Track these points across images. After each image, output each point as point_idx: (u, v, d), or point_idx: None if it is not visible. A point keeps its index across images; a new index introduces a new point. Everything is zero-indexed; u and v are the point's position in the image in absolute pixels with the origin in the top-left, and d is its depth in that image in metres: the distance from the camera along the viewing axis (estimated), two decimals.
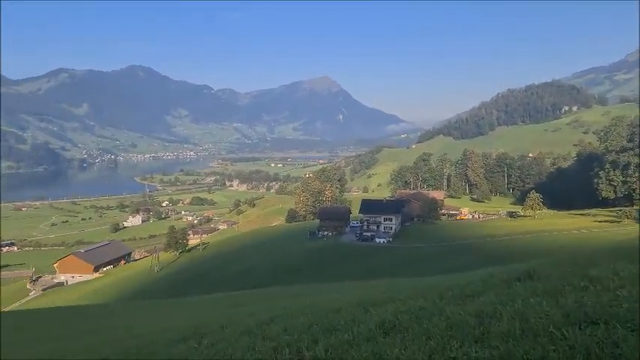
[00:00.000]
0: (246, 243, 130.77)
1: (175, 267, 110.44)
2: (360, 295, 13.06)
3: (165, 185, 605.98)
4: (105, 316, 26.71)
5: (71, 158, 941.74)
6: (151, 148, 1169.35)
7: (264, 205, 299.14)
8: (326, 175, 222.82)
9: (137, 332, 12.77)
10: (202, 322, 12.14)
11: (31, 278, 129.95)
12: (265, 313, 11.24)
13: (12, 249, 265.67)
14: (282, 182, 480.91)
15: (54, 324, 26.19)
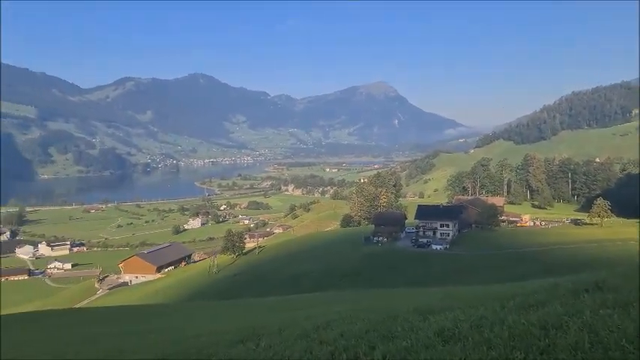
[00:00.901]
0: (301, 247, 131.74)
1: (232, 269, 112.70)
2: (416, 302, 12.85)
3: (223, 189, 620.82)
4: (166, 315, 27.65)
5: (136, 163, 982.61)
6: (210, 153, 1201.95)
7: (319, 209, 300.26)
8: (381, 180, 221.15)
9: (196, 332, 13.10)
10: (259, 324, 12.31)
11: (98, 277, 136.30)
12: (321, 317, 11.26)
13: (81, 249, 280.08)
14: (337, 187, 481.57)
15: (119, 322, 27.30)
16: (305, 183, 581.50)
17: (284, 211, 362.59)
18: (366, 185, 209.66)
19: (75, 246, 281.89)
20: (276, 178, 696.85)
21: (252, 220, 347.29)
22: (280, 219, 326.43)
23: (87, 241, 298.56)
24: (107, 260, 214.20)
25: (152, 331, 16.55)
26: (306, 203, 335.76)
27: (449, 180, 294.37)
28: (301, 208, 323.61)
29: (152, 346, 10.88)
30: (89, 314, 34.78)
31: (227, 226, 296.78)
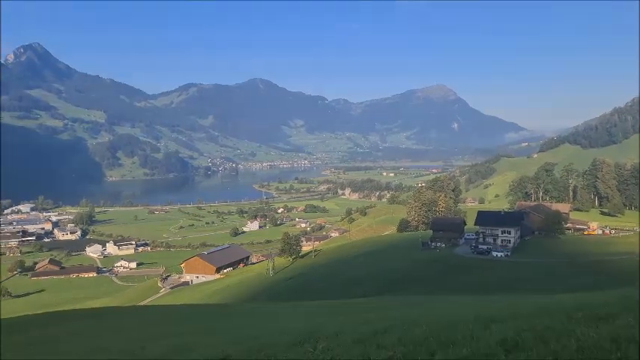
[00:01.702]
0: (357, 251, 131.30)
1: (289, 272, 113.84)
2: (477, 310, 12.52)
3: (280, 193, 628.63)
4: (225, 315, 28.29)
5: (197, 166, 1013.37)
6: (268, 156, 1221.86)
7: (376, 214, 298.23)
8: (439, 184, 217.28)
9: (255, 333, 13.33)
10: (316, 327, 12.37)
11: (161, 276, 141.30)
12: (378, 322, 11.18)
13: (146, 249, 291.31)
14: (394, 191, 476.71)
15: (181, 320, 28.14)
16: (362, 187, 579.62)
17: (340, 214, 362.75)
18: (423, 190, 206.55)
19: (140, 246, 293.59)
20: (333, 181, 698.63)
21: (308, 224, 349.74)
22: (337, 223, 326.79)
23: (151, 241, 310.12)
24: (169, 260, 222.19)
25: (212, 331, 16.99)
26: (363, 207, 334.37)
27: (510, 185, 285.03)
28: (358, 212, 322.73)
29: (214, 345, 11.17)
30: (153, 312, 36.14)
31: (284, 228, 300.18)
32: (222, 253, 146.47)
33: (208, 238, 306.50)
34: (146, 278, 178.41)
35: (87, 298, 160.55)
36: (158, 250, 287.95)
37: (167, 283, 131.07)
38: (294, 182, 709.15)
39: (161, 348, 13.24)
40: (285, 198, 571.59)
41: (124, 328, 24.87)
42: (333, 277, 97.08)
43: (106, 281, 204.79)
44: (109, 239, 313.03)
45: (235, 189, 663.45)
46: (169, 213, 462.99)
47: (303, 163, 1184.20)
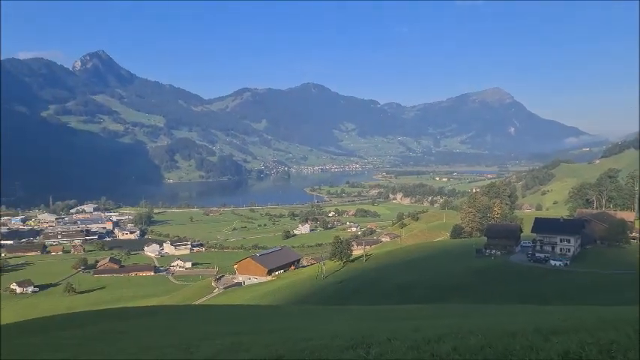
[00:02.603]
0: (408, 257, 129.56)
1: (339, 276, 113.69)
2: (535, 320, 12.03)
3: (331, 196, 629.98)
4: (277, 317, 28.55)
5: (251, 169, 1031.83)
6: (320, 160, 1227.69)
7: (428, 219, 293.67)
8: (495, 190, 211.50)
9: (307, 335, 13.33)
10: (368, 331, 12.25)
11: (215, 277, 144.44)
12: (431, 330, 10.94)
13: (200, 249, 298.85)
14: (447, 197, 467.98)
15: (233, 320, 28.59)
16: (414, 192, 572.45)
17: (392, 219, 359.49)
18: (478, 195, 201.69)
19: (195, 246, 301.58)
20: (385, 186, 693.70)
21: (359, 228, 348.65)
22: (388, 227, 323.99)
23: (205, 241, 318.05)
24: (223, 261, 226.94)
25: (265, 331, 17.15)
26: (415, 212, 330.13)
27: (570, 192, 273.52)
28: (409, 217, 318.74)
29: (266, 346, 11.24)
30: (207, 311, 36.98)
31: (335, 232, 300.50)
32: (273, 256, 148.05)
33: (260, 240, 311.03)
34: (200, 278, 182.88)
35: (144, 296, 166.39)
36: (212, 250, 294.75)
37: (220, 284, 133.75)
38: (345, 186, 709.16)
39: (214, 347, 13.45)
40: (336, 202, 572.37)
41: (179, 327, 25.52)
42: (383, 282, 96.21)
43: (163, 280, 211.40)
44: (166, 239, 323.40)
45: (287, 192, 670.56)
46: (223, 215, 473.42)
47: (355, 167, 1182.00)
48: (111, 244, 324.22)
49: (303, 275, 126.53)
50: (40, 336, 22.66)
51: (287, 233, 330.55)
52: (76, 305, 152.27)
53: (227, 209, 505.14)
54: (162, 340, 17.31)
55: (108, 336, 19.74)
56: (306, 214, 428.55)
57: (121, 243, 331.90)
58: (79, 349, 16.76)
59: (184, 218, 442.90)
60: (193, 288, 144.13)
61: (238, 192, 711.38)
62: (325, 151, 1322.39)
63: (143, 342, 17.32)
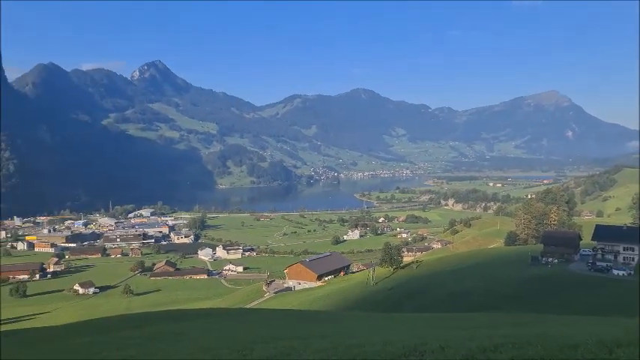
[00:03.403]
0: (460, 264, 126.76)
1: (389, 282, 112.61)
2: (597, 332, 11.55)
3: (381, 202, 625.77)
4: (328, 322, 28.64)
5: (301, 175, 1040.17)
6: (369, 166, 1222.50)
7: (481, 225, 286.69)
8: (551, 196, 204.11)
9: (358, 342, 13.33)
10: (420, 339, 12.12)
11: (266, 281, 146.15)
12: (486, 339, 10.71)
13: (252, 253, 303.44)
14: (501, 203, 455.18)
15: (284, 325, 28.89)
16: (466, 198, 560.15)
17: (443, 225, 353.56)
18: (534, 201, 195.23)
19: (246, 250, 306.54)
20: (436, 191, 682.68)
21: (410, 234, 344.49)
22: (439, 234, 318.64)
23: (256, 246, 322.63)
24: (273, 265, 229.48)
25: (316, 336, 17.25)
26: (467, 218, 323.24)
27: (634, 198, 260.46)
28: (462, 223, 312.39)
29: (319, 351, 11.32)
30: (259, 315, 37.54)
31: (385, 238, 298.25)
32: (323, 261, 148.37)
33: (310, 246, 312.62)
34: (252, 282, 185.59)
35: (198, 298, 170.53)
36: (263, 255, 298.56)
37: (271, 288, 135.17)
38: (395, 192, 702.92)
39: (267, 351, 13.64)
40: (386, 207, 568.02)
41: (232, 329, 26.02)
42: (434, 289, 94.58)
43: (216, 283, 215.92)
44: (218, 243, 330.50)
45: (336, 198, 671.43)
46: (274, 220, 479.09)
47: (405, 173, 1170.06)
48: (167, 248, 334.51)
49: (353, 281, 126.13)
50: (102, 335, 23.70)
51: (336, 239, 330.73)
52: (134, 306, 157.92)
53: (277, 214, 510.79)
54: (217, 342, 17.72)
55: (166, 337, 20.40)
56: (355, 220, 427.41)
57: (176, 247, 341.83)
58: (139, 349, 17.42)
59: (236, 223, 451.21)
60: (245, 292, 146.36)
61: (288, 197, 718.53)
62: (375, 157, 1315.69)
63: (199, 343, 17.80)
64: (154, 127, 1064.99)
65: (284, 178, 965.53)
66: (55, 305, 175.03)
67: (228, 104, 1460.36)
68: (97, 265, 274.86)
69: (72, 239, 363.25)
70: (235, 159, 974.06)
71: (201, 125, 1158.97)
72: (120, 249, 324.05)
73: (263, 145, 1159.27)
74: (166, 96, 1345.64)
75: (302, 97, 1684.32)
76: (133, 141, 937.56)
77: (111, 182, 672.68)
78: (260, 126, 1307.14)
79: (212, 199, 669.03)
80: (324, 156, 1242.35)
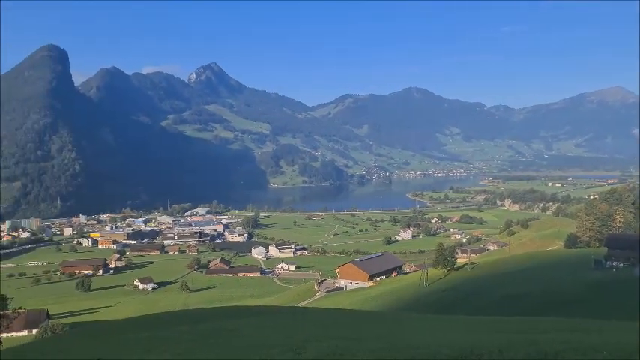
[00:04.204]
0: (517, 266, 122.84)
1: (443, 284, 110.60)
2: None
3: (434, 202, 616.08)
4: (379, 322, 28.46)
5: (352, 175, 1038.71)
6: (422, 165, 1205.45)
7: (539, 227, 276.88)
8: (616, 197, 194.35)
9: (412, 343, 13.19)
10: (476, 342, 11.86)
11: (317, 280, 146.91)
12: (548, 344, 10.32)
13: (303, 252, 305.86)
14: (561, 203, 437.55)
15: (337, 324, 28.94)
16: (523, 198, 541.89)
17: (499, 226, 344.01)
18: (597, 202, 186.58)
19: (298, 249, 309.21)
20: (491, 192, 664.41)
21: (464, 235, 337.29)
22: (495, 235, 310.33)
23: (308, 245, 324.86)
24: (325, 264, 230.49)
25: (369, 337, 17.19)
26: (524, 219, 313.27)
27: None
28: (518, 224, 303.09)
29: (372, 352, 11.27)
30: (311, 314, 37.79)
31: (438, 239, 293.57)
32: (375, 261, 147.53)
33: (362, 246, 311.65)
34: (304, 280, 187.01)
35: (251, 296, 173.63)
36: (314, 254, 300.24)
37: (323, 287, 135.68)
38: (449, 192, 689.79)
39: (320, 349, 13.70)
40: (439, 208, 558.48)
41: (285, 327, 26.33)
42: (489, 291, 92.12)
43: (268, 281, 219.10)
44: (271, 242, 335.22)
45: (388, 197, 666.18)
46: (325, 219, 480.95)
47: (459, 173, 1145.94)
48: (221, 246, 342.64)
49: (405, 282, 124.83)
50: (161, 330, 24.55)
51: (388, 239, 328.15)
52: (191, 302, 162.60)
53: (329, 214, 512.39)
54: (271, 340, 17.97)
55: (221, 333, 20.88)
56: (408, 220, 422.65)
57: (230, 245, 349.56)
58: (196, 344, 17.94)
59: (288, 222, 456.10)
60: (297, 290, 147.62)
61: (340, 197, 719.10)
62: (428, 156, 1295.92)
63: (253, 340, 18.13)
64: (210, 127, 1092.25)
65: (335, 177, 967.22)
66: (116, 299, 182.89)
67: (280, 104, 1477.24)
68: (155, 261, 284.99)
69: (132, 236, 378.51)
70: (287, 159, 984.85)
71: (254, 125, 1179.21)
72: (177, 246, 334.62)
73: (315, 144, 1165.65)
74: (221, 97, 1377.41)
75: (354, 97, 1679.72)
76: (189, 142, 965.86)
77: (169, 182, 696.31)
78: (312, 126, 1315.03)
79: (265, 198, 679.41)
80: (375, 155, 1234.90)
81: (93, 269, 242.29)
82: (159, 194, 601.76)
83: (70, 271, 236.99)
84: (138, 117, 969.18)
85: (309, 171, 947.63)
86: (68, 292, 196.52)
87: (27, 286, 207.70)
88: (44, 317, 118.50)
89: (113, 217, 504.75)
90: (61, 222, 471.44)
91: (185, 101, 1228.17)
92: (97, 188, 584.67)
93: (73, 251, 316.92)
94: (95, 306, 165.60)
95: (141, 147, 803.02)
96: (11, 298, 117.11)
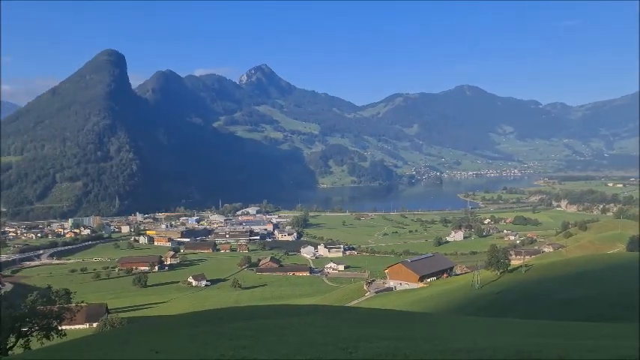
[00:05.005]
0: (575, 269, 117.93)
1: (496, 286, 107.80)
2: None
3: (487, 203, 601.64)
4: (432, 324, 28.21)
5: (402, 174, 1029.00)
6: (474, 165, 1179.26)
7: (599, 229, 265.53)
8: None
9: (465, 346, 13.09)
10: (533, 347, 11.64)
11: (366, 280, 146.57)
12: (609, 351, 10.05)
13: (352, 253, 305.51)
14: (623, 204, 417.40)
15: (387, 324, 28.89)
16: (581, 199, 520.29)
17: (555, 228, 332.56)
18: None
19: (347, 249, 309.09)
20: (547, 192, 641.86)
21: (518, 236, 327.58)
22: (550, 237, 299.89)
23: (357, 245, 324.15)
24: (374, 265, 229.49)
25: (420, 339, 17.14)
26: (583, 221, 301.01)
27: None
28: (576, 226, 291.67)
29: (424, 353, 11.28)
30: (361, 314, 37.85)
31: (490, 240, 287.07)
32: (425, 262, 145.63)
33: (411, 246, 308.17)
34: (352, 281, 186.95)
35: (301, 295, 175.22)
36: (363, 254, 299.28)
37: (372, 287, 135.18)
38: (502, 192, 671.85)
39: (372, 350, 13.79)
40: (491, 208, 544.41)
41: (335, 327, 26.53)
42: (545, 295, 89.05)
43: (317, 281, 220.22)
44: (320, 242, 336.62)
45: (439, 198, 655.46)
46: (374, 219, 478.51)
47: (513, 172, 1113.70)
48: (271, 245, 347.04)
49: (457, 283, 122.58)
50: (216, 325, 25.26)
51: (439, 240, 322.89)
52: (242, 299, 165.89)
53: (378, 214, 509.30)
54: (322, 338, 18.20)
55: (273, 330, 21.29)
56: (459, 221, 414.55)
57: (280, 244, 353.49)
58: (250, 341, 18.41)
59: (337, 222, 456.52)
60: (346, 290, 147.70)
61: (389, 197, 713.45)
62: (480, 156, 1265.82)
63: (305, 338, 18.40)
64: (260, 128, 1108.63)
65: (385, 177, 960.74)
66: (171, 295, 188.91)
67: (329, 105, 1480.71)
68: (208, 259, 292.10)
69: (186, 234, 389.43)
70: (336, 159, 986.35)
71: (303, 126, 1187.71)
72: (228, 245, 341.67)
73: (364, 144, 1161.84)
74: (271, 98, 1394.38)
75: (404, 96, 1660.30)
76: (240, 142, 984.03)
77: (220, 181, 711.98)
78: (361, 125, 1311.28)
79: (314, 197, 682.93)
80: (426, 155, 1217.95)
81: (149, 266, 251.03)
82: (211, 193, 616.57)
83: (127, 267, 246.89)
84: (191, 118, 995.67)
85: (358, 171, 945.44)
86: (126, 288, 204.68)
87: (88, 282, 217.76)
88: (104, 311, 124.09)
89: (168, 215, 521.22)
90: (119, 220, 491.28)
91: (236, 102, 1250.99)
92: (152, 187, 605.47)
93: (130, 248, 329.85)
94: (151, 301, 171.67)
95: (193, 147, 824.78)
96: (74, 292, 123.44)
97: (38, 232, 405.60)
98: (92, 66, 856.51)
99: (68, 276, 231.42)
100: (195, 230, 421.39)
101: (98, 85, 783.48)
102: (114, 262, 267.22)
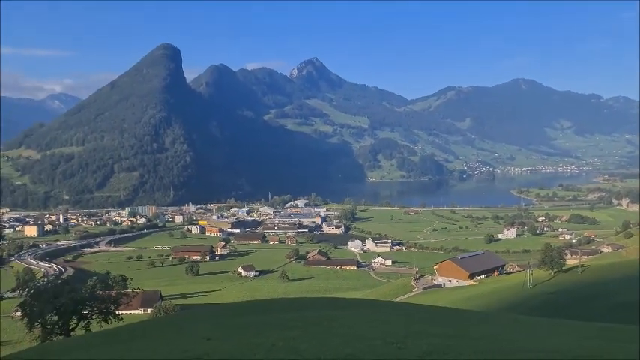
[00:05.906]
0: (635, 271, 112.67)
1: (549, 286, 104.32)
2: None
3: (541, 200, 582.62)
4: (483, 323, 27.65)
5: (452, 170, 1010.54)
6: (528, 161, 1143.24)
7: None
8: None
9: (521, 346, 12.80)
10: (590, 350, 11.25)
11: (414, 276, 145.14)
12: None
13: (400, 248, 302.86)
14: None
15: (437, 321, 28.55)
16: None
17: (615, 228, 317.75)
18: None
19: (395, 244, 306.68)
20: (606, 190, 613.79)
21: (574, 235, 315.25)
22: (609, 237, 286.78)
23: (405, 240, 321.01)
24: (422, 261, 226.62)
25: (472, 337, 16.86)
26: None
27: None
28: (638, 226, 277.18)
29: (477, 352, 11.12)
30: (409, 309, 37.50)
31: (544, 239, 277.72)
32: (475, 259, 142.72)
33: (461, 243, 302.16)
34: (400, 276, 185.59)
35: (348, 288, 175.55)
36: (411, 250, 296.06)
37: (420, 283, 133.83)
38: (557, 189, 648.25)
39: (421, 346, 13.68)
40: (546, 206, 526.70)
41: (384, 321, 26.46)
42: (602, 297, 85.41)
43: (364, 275, 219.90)
44: (367, 236, 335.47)
45: (491, 194, 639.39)
46: (423, 215, 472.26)
47: (570, 169, 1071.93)
48: (319, 238, 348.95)
49: (508, 282, 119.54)
50: (266, 315, 25.73)
51: (490, 237, 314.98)
52: (290, 291, 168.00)
53: (427, 209, 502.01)
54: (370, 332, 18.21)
55: (322, 322, 21.47)
56: (512, 218, 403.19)
57: (327, 237, 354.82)
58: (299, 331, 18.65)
59: (385, 216, 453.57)
60: (393, 285, 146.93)
61: (439, 192, 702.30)
62: (535, 151, 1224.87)
63: (354, 331, 18.46)
64: (310, 121, 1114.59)
65: (435, 172, 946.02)
66: (221, 285, 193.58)
67: (379, 98, 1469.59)
68: (257, 250, 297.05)
69: (236, 225, 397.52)
70: (386, 153, 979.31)
71: (353, 120, 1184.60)
72: (277, 237, 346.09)
73: (414, 139, 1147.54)
74: (321, 92, 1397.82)
75: (456, 89, 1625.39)
76: (290, 135, 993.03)
77: (270, 174, 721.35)
78: (411, 119, 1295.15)
79: (362, 192, 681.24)
80: (478, 150, 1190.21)
81: (201, 255, 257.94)
82: (260, 186, 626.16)
83: (180, 255, 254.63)
84: (242, 111, 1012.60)
85: (408, 165, 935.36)
86: (179, 276, 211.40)
87: (144, 269, 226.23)
88: (158, 298, 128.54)
89: (219, 206, 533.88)
90: (172, 210, 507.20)
91: (287, 96, 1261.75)
92: (205, 179, 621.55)
93: (183, 237, 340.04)
94: (202, 290, 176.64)
95: (244, 140, 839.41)
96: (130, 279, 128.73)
97: (97, 219, 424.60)
98: (149, 60, 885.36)
99: (125, 262, 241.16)
100: (244, 221, 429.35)
101: (154, 79, 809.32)
102: (168, 250, 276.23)
